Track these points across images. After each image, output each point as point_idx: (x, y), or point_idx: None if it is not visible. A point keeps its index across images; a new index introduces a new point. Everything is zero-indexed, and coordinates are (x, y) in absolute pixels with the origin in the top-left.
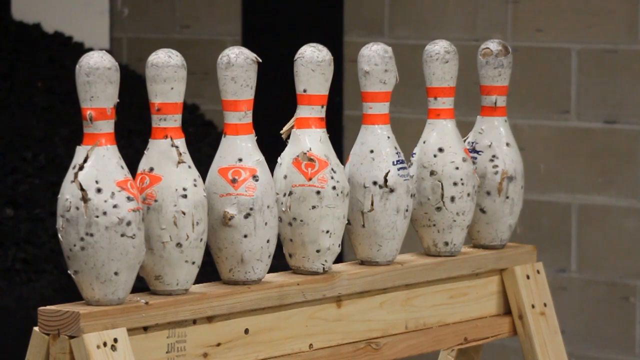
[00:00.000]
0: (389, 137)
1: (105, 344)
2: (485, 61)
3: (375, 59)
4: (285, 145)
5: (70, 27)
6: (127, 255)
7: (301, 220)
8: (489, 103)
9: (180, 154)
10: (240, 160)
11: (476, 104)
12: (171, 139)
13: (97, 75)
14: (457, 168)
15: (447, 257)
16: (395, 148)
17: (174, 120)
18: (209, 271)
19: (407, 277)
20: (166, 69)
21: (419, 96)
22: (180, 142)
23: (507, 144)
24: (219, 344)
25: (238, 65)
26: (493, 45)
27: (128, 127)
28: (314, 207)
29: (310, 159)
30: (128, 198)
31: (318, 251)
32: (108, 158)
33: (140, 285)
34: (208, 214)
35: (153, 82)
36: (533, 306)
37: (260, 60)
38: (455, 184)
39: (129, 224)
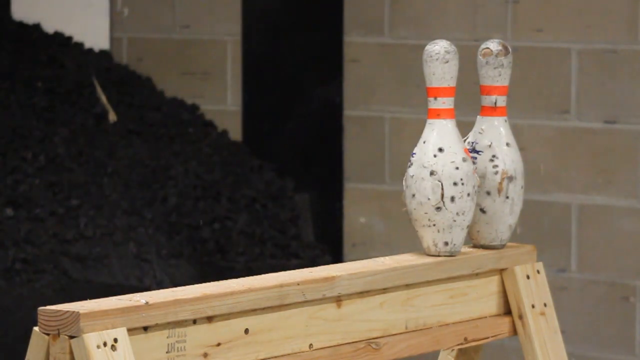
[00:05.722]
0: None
1: (105, 344)
2: (485, 61)
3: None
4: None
5: (70, 27)
6: None
7: None
8: (489, 103)
9: None
10: None
11: (476, 104)
12: None
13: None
14: (457, 168)
15: (447, 257)
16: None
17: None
18: (209, 272)
19: (407, 277)
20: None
21: (419, 96)
22: None
23: (507, 144)
24: (219, 344)
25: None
26: (493, 45)
27: (128, 127)
28: None
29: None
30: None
31: None
32: None
33: (141, 285)
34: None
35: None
36: (533, 306)
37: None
38: (455, 183)
39: None
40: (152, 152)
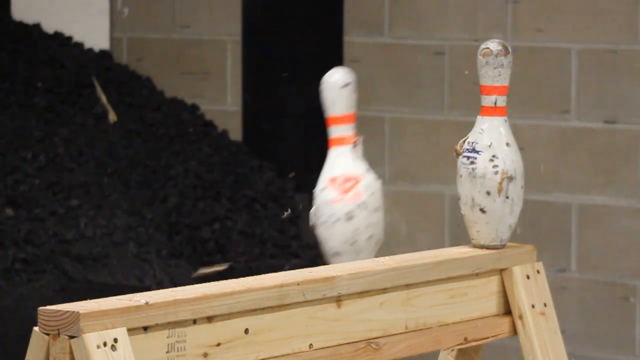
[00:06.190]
0: None
1: (105, 344)
2: (485, 61)
3: None
4: None
5: (70, 27)
6: None
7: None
8: (489, 103)
9: None
10: None
11: (476, 104)
12: None
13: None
14: (314, 198)
15: (448, 257)
16: None
17: None
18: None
19: (407, 277)
20: None
21: (419, 96)
22: None
23: (507, 144)
24: (219, 344)
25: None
26: (493, 45)
27: (128, 127)
28: None
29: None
30: None
31: None
32: None
33: (141, 285)
34: None
35: None
36: (533, 306)
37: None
38: (314, 213)
39: None
40: (152, 152)
